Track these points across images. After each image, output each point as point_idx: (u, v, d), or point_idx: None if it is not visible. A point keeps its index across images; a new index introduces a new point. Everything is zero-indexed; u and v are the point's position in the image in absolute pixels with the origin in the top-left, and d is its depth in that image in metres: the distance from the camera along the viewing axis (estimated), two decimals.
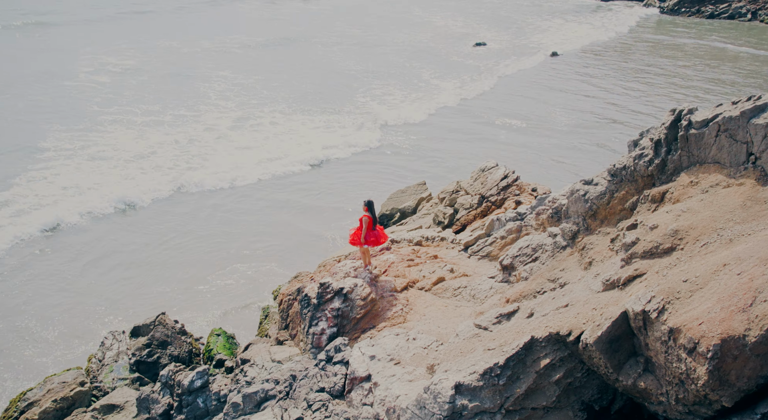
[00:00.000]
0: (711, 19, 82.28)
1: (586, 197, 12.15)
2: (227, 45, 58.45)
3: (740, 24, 77.65)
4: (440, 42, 63.39)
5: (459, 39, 65.03)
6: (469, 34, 67.18)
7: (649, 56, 56.65)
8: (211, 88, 45.07)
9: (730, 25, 76.88)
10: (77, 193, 27.79)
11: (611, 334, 8.91)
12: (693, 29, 71.86)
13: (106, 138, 34.64)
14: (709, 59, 54.42)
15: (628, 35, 67.70)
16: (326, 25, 69.57)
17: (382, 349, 12.83)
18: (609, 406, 10.09)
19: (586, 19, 78.22)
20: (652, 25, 75.70)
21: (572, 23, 74.60)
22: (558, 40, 63.69)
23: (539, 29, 70.74)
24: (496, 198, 21.08)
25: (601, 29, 70.22)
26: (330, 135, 35.98)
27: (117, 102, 40.91)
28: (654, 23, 76.94)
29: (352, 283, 14.62)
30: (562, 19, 77.14)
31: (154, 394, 14.10)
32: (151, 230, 25.25)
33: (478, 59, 55.63)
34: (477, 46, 62.83)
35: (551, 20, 76.87)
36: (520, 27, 72.39)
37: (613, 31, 68.94)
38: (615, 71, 51.10)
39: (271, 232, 25.26)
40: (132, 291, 21.19)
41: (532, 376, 9.75)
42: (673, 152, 10.51)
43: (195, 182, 29.39)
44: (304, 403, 12.88)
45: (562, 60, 55.22)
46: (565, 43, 62.27)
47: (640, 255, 9.62)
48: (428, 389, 9.88)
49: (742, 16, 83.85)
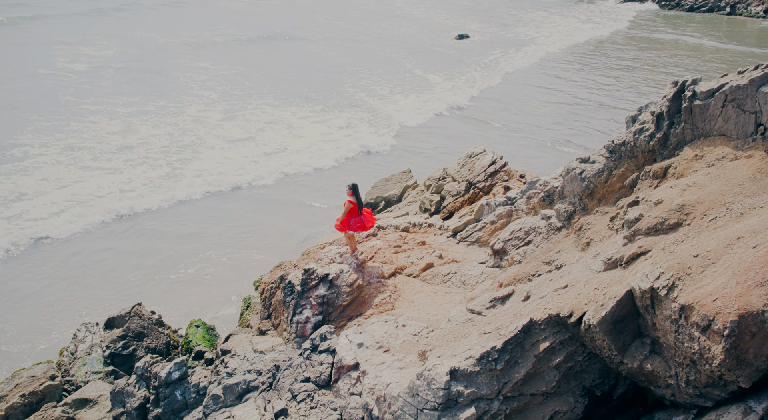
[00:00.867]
0: (690, 12, 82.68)
1: (583, 175, 11.62)
2: (207, 37, 57.32)
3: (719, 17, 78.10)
4: (425, 34, 62.78)
5: (442, 31, 64.47)
6: (452, 27, 66.64)
7: (630, 50, 56.53)
8: (191, 78, 44.07)
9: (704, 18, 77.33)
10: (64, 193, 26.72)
11: (616, 315, 8.38)
12: (672, 23, 71.99)
13: (89, 128, 33.44)
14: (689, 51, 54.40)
15: (622, 28, 67.34)
16: (308, 18, 68.48)
17: (371, 336, 12.22)
18: (611, 391, 9.57)
19: (570, 12, 78.06)
20: (636, 19, 75.72)
21: (556, 16, 74.35)
22: (544, 34, 63.33)
23: (522, 21, 70.38)
24: (484, 184, 20.55)
25: (588, 23, 69.94)
26: (346, 139, 33.88)
27: (94, 93, 39.78)
28: (636, 17, 76.97)
29: (338, 269, 13.99)
30: (546, 12, 76.89)
31: (129, 387, 13.37)
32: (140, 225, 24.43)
33: (462, 51, 55.11)
34: (460, 38, 62.38)
35: (534, 13, 76.58)
36: (503, 19, 71.99)
37: (602, 25, 68.71)
38: (604, 65, 50.87)
39: (253, 224, 24.53)
40: (105, 282, 20.36)
41: (531, 361, 9.20)
42: (676, 125, 10.00)
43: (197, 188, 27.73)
44: (289, 393, 12.25)
45: (558, 57, 54.80)
46: (552, 37, 61.96)
47: (644, 232, 9.10)
48: (421, 375, 9.29)
49: (721, 10, 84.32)
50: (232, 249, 22.49)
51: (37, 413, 12.87)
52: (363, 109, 38.43)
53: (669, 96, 10.07)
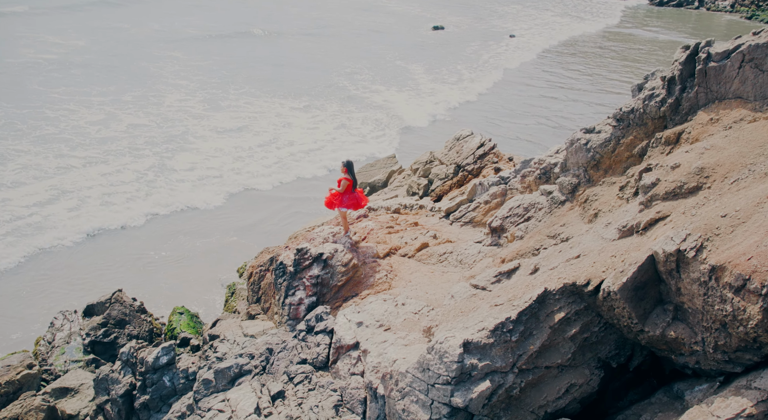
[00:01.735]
0: (660, 7, 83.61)
1: (588, 146, 11.30)
2: (178, 29, 55.97)
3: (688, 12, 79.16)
4: (402, 26, 62.34)
5: (419, 23, 64.13)
6: (428, 19, 66.31)
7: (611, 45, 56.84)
8: (164, 68, 42.95)
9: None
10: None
11: (637, 281, 8.04)
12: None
13: (67, 118, 32.19)
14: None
15: (611, 23, 67.25)
16: (281, 11, 67.04)
17: (370, 315, 11.76)
18: (626, 363, 9.26)
19: (544, 5, 78.32)
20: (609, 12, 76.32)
21: (530, 9, 74.51)
22: (519, 26, 63.34)
23: (497, 14, 70.36)
24: (473, 167, 20.20)
25: (567, 17, 70.10)
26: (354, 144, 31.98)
27: (64, 82, 38.50)
28: (621, 11, 77.59)
29: (332, 249, 13.49)
30: (520, 5, 77.03)
31: (113, 374, 12.70)
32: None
33: (439, 42, 54.81)
34: (435, 29, 62.26)
35: (508, 6, 76.66)
36: (478, 12, 71.90)
37: (580, 18, 68.93)
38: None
39: (235, 214, 23.89)
40: (81, 269, 19.57)
41: (546, 332, 8.82)
42: (689, 90, 9.71)
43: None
44: (284, 376, 11.73)
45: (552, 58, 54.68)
46: (530, 29, 61.99)
47: (661, 197, 8.78)
48: (432, 349, 8.85)
49: (690, 4, 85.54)
50: (211, 236, 21.83)
51: (15, 402, 12.15)
52: (365, 107, 37.30)
53: (681, 59, 9.77)
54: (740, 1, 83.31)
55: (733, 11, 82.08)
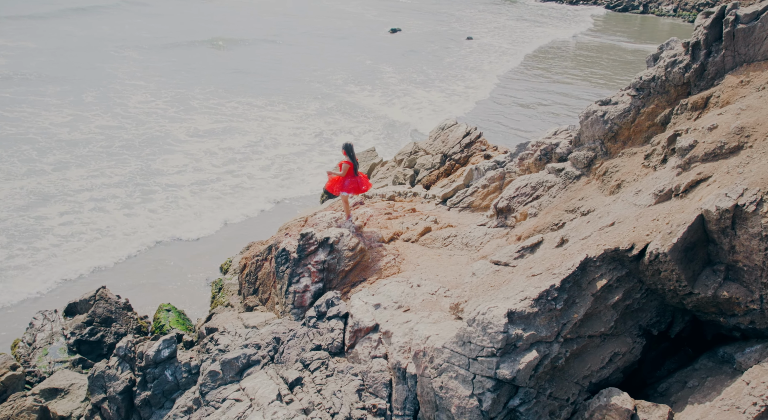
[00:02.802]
0: (607, 10, 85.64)
1: (606, 118, 11.16)
2: (131, 33, 54.22)
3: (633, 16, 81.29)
4: (361, 28, 62.09)
5: (377, 26, 64.06)
6: (384, 22, 66.32)
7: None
8: (119, 69, 41.45)
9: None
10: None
11: (686, 241, 7.87)
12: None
13: (29, 120, 30.57)
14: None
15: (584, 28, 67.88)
16: (234, 21, 64.62)
17: (387, 297, 11.33)
18: (667, 330, 9.08)
19: (498, 9, 79.38)
20: (560, 15, 77.77)
21: (485, 13, 75.37)
22: (477, 30, 63.92)
23: (454, 18, 70.90)
24: (460, 156, 19.97)
25: (522, 21, 71.01)
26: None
27: (15, 82, 36.77)
28: (562, 15, 79.10)
29: (338, 233, 13.00)
30: (475, 9, 77.86)
31: (110, 370, 11.90)
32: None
33: (396, 44, 54.84)
34: (393, 32, 62.34)
35: (464, 10, 77.39)
36: (433, 15, 72.32)
37: (544, 24, 69.95)
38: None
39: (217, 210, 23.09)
40: (52, 267, 18.52)
41: (588, 300, 8.57)
42: (715, 54, 9.66)
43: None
44: (299, 364, 11.18)
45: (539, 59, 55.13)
46: (491, 32, 62.59)
47: (700, 158, 8.65)
48: (474, 321, 8.48)
49: (635, 8, 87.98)
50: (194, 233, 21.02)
51: (5, 404, 11.23)
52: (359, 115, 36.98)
53: (706, 24, 9.72)
54: (682, 6, 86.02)
55: (675, 15, 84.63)
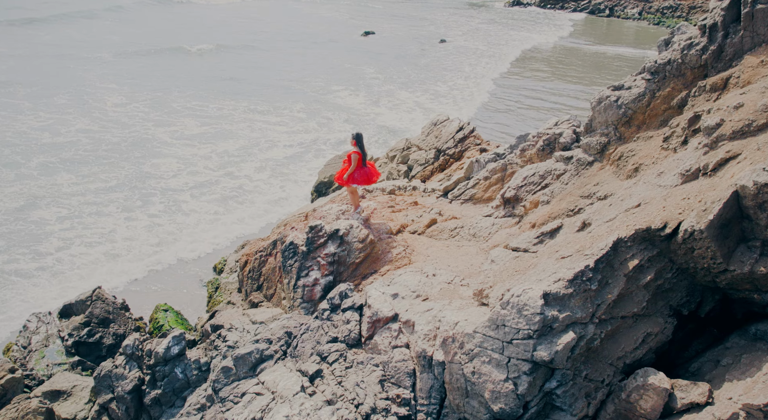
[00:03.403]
0: (575, 13, 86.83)
1: (619, 102, 11.18)
2: (101, 39, 53.06)
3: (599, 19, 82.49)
4: (334, 32, 61.89)
5: (350, 29, 63.98)
6: (357, 25, 66.27)
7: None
8: (90, 70, 40.48)
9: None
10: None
11: (722, 218, 7.88)
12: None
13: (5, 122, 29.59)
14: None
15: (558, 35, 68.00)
16: (210, 29, 63.02)
17: (404, 286, 11.15)
18: (696, 310, 9.08)
19: (469, 13, 79.97)
20: (532, 18, 78.67)
21: (456, 17, 75.85)
22: (452, 32, 64.22)
23: (427, 21, 71.20)
24: (454, 150, 19.94)
25: (494, 24, 71.49)
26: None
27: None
28: (529, 18, 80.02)
29: (348, 225, 12.80)
30: (447, 12, 78.35)
31: (118, 370, 11.50)
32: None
33: (371, 46, 54.81)
34: (366, 34, 62.36)
35: (435, 13, 77.80)
36: (407, 19, 72.55)
37: (519, 28, 70.50)
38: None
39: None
40: (41, 267, 17.96)
41: (621, 280, 8.52)
42: (732, 35, 9.75)
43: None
44: (315, 357, 10.93)
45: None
46: (464, 35, 62.93)
47: (728, 136, 8.69)
48: (508, 303, 8.37)
49: (601, 12, 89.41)
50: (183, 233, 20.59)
51: (9, 406, 10.76)
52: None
53: (723, 5, 9.81)
54: (647, 10, 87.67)
55: (640, 19, 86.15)
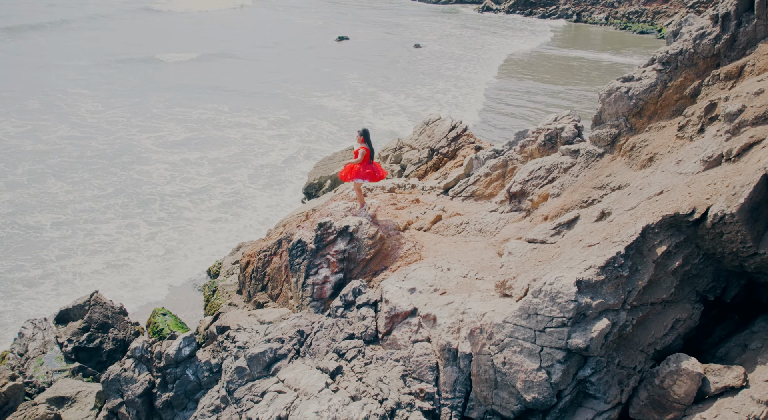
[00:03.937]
0: (543, 19, 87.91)
1: (630, 94, 11.26)
2: (75, 46, 52.00)
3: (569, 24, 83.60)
4: (309, 38, 61.65)
5: (324, 34, 63.86)
6: (331, 30, 66.19)
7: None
8: (62, 76, 39.53)
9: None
10: None
11: (752, 201, 7.94)
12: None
13: None
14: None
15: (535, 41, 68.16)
16: (182, 39, 61.28)
17: (421, 281, 11.04)
18: (722, 295, 9.14)
19: (441, 18, 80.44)
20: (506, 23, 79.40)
21: (428, 22, 76.23)
22: (426, 37, 64.47)
23: (401, 26, 71.38)
24: (448, 149, 19.93)
25: (466, 29, 71.87)
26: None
27: None
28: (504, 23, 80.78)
29: (357, 221, 12.65)
30: (419, 17, 78.72)
31: (127, 373, 11.15)
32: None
33: (346, 51, 54.78)
34: (340, 40, 62.32)
35: (408, 18, 78.11)
36: (379, 24, 72.68)
37: (499, 34, 70.96)
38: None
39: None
40: (34, 274, 17.42)
41: (650, 267, 8.53)
42: (746, 24, 9.89)
43: None
44: (332, 354, 10.74)
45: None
46: (439, 40, 63.21)
47: (751, 122, 8.79)
48: (540, 292, 8.31)
49: (569, 17, 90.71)
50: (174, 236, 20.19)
51: (15, 413, 10.35)
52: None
53: None
54: (613, 15, 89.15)
55: (607, 23, 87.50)
